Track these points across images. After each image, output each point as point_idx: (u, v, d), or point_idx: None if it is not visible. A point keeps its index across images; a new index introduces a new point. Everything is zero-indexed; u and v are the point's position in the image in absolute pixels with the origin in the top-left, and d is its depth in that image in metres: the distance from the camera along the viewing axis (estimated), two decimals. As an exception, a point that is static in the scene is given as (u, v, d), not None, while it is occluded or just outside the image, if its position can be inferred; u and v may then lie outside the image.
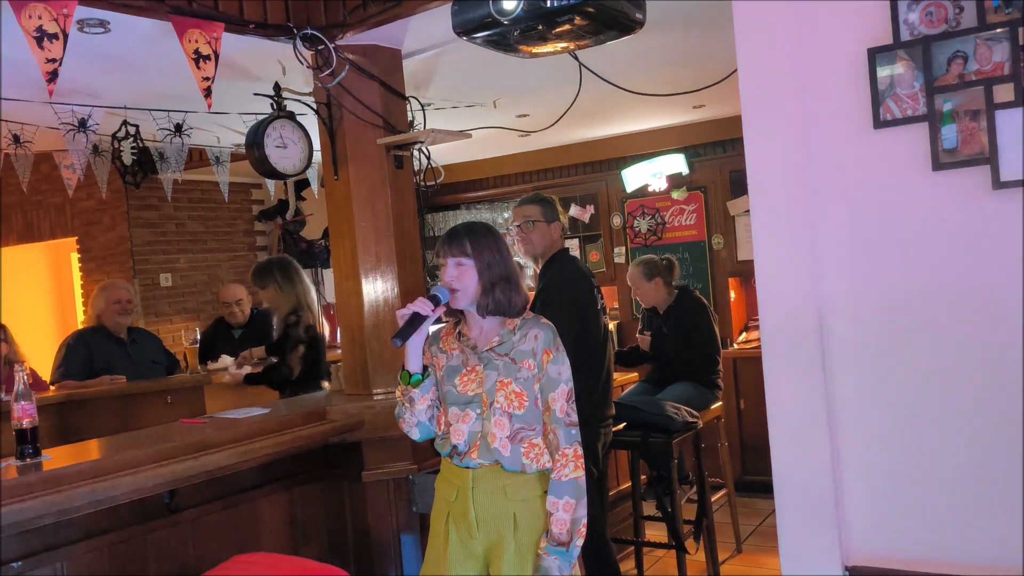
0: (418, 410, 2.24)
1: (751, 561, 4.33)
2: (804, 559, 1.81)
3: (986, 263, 1.65)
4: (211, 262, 6.58)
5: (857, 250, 1.76)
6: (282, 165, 3.05)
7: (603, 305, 3.37)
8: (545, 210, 3.32)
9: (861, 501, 1.76)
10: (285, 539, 2.95)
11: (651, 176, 6.02)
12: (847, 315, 1.77)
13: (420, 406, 2.24)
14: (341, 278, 3.23)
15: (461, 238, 2.24)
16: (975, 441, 1.66)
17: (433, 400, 2.26)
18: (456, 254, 2.22)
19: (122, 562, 2.46)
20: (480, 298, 2.22)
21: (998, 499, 1.64)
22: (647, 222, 6.17)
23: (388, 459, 3.01)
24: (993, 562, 1.64)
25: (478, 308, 2.23)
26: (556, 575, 2.12)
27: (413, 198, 3.33)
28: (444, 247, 2.25)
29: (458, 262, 2.21)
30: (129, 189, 5.49)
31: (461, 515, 2.20)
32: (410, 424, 2.27)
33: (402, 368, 2.23)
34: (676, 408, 3.80)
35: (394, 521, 3.02)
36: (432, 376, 2.27)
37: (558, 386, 2.20)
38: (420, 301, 2.17)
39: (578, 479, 2.17)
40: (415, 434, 2.29)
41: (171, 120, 4.09)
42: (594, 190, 6.46)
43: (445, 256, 2.24)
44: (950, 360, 1.68)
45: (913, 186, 1.71)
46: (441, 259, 2.25)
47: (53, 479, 2.20)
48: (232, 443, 2.66)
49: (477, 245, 2.23)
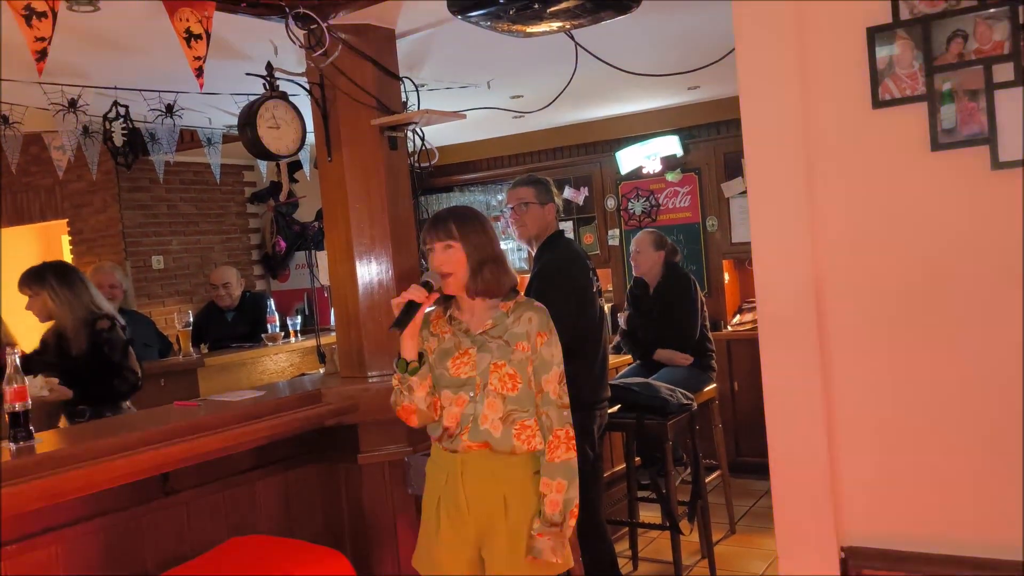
0: (418, 397, 2.23)
1: (745, 542, 4.36)
2: (800, 540, 1.81)
3: (985, 244, 1.64)
4: (204, 244, 6.54)
5: (855, 231, 1.75)
6: (275, 146, 3.03)
7: (599, 287, 3.37)
8: (539, 192, 3.31)
9: (857, 482, 1.77)
10: (281, 521, 2.95)
11: (645, 158, 6.00)
12: (845, 296, 1.76)
13: (420, 393, 2.23)
14: (335, 261, 3.22)
15: (447, 221, 2.24)
16: (974, 423, 1.66)
17: (431, 386, 2.26)
18: (443, 237, 2.22)
19: (117, 544, 2.45)
20: (468, 280, 2.21)
21: (996, 481, 1.65)
22: (641, 204, 6.16)
23: (384, 441, 3.00)
24: (990, 542, 1.65)
25: (467, 290, 2.22)
26: (550, 556, 2.13)
27: (407, 180, 3.31)
28: (430, 232, 2.24)
29: (446, 245, 2.21)
30: (120, 171, 5.45)
31: (452, 500, 2.20)
32: (409, 411, 2.26)
33: (398, 356, 2.22)
34: (671, 390, 3.81)
35: (390, 503, 3.03)
36: (427, 360, 2.27)
37: (551, 368, 2.22)
38: (414, 288, 2.16)
39: (570, 460, 2.19)
40: (414, 421, 2.28)
41: (162, 101, 4.04)
42: (588, 172, 6.43)
43: (432, 241, 2.23)
44: (949, 341, 1.68)
45: (911, 166, 1.70)
46: (428, 244, 2.25)
47: (47, 461, 2.19)
48: (227, 425, 2.65)
49: (463, 227, 2.23)
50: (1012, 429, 1.63)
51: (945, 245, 1.68)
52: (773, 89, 1.81)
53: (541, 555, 2.13)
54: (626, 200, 6.22)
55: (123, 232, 5.94)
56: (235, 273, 5.31)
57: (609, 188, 6.31)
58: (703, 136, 5.91)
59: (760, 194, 1.84)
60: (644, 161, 6.01)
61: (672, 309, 4.44)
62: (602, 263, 6.25)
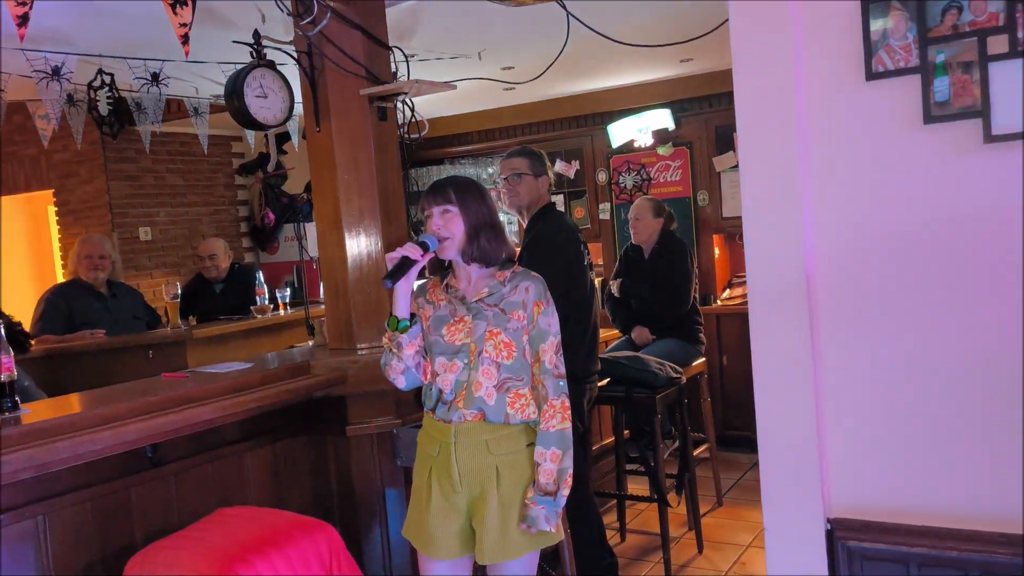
0: (406, 355, 2.24)
1: (732, 514, 4.40)
2: (787, 512, 1.82)
3: (977, 218, 1.64)
4: (192, 216, 6.49)
5: (847, 205, 1.75)
6: (262, 116, 2.99)
7: (589, 261, 3.36)
8: (533, 163, 3.29)
9: (845, 455, 1.78)
10: (269, 493, 2.95)
11: (637, 131, 5.97)
12: (836, 270, 1.76)
13: (408, 351, 2.24)
14: (324, 233, 3.19)
15: (445, 187, 2.25)
16: (965, 397, 1.67)
17: (420, 347, 2.27)
18: (441, 202, 2.23)
19: (105, 515, 2.45)
20: (465, 245, 2.21)
21: (989, 453, 1.66)
22: (632, 178, 6.14)
23: (372, 413, 3.00)
24: (979, 514, 1.66)
25: (463, 255, 2.22)
26: (543, 525, 2.14)
27: (397, 151, 3.28)
28: (429, 198, 2.25)
29: (444, 210, 2.22)
30: (106, 141, 5.39)
31: (444, 470, 2.20)
32: (397, 371, 2.27)
33: (389, 314, 2.23)
34: (660, 364, 3.82)
35: (378, 475, 3.03)
36: (420, 323, 2.27)
37: (548, 338, 2.22)
38: (410, 246, 2.18)
39: (565, 430, 2.19)
40: (401, 382, 2.29)
41: (148, 69, 3.99)
42: (579, 145, 6.40)
43: (430, 206, 2.24)
44: (938, 315, 1.68)
45: (904, 139, 1.69)
46: (426, 210, 2.25)
47: (33, 433, 2.18)
48: (215, 397, 2.64)
49: (462, 193, 2.24)
50: (1008, 403, 1.63)
51: (937, 219, 1.67)
52: (766, 61, 1.79)
53: (535, 524, 2.14)
54: (617, 174, 6.20)
55: (110, 203, 5.89)
56: (223, 245, 5.27)
57: (600, 162, 6.29)
58: (695, 109, 5.88)
59: (752, 167, 1.83)
60: (635, 134, 5.98)
61: (666, 276, 4.45)
62: (593, 237, 6.24)
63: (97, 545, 2.43)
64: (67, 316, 4.51)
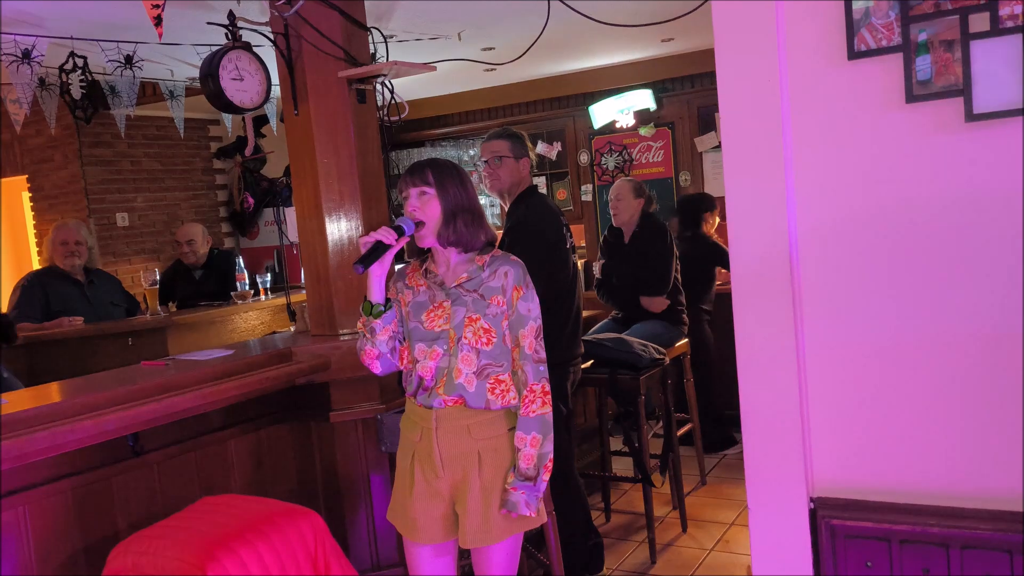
0: (379, 341, 2.21)
1: (715, 493, 4.43)
2: (770, 491, 1.83)
3: (959, 196, 1.64)
4: (170, 201, 6.42)
5: (829, 184, 1.74)
6: (239, 98, 2.94)
7: (572, 243, 3.35)
8: (514, 145, 3.26)
9: (828, 434, 1.78)
10: (254, 480, 2.93)
11: (618, 112, 5.96)
12: (819, 250, 1.76)
13: (381, 337, 2.21)
14: (304, 217, 3.16)
15: (423, 168, 2.22)
16: (948, 374, 1.68)
17: (395, 332, 2.24)
18: (418, 183, 2.19)
19: (86, 505, 2.43)
20: (441, 229, 2.18)
21: (966, 431, 1.67)
22: (614, 159, 6.13)
23: (355, 399, 2.99)
24: (959, 489, 1.68)
25: (439, 239, 2.20)
26: (524, 510, 2.15)
27: (377, 134, 3.25)
28: (407, 178, 2.22)
29: (421, 191, 2.19)
30: (80, 125, 5.30)
31: (426, 455, 2.20)
32: (371, 356, 2.24)
33: (364, 299, 2.20)
34: (643, 345, 3.83)
35: (363, 461, 3.02)
36: (395, 309, 2.25)
37: (528, 323, 2.20)
38: (384, 230, 2.13)
39: (545, 415, 2.19)
40: (376, 367, 2.26)
41: (121, 52, 3.91)
42: (561, 126, 6.38)
43: (407, 187, 2.20)
44: (921, 294, 1.69)
45: (886, 118, 1.68)
46: (403, 192, 2.22)
47: (11, 423, 2.15)
48: (196, 385, 2.62)
49: (439, 175, 2.20)
50: (991, 382, 1.64)
51: (920, 197, 1.67)
52: (749, 40, 1.78)
53: (516, 509, 2.14)
54: (599, 155, 6.18)
55: (85, 189, 5.81)
56: (200, 230, 5.21)
57: (582, 143, 6.27)
58: (677, 90, 5.87)
59: (734, 147, 1.82)
60: (617, 115, 5.97)
61: (647, 256, 4.45)
62: (575, 219, 6.24)
63: (79, 535, 2.41)
64: (44, 303, 4.45)
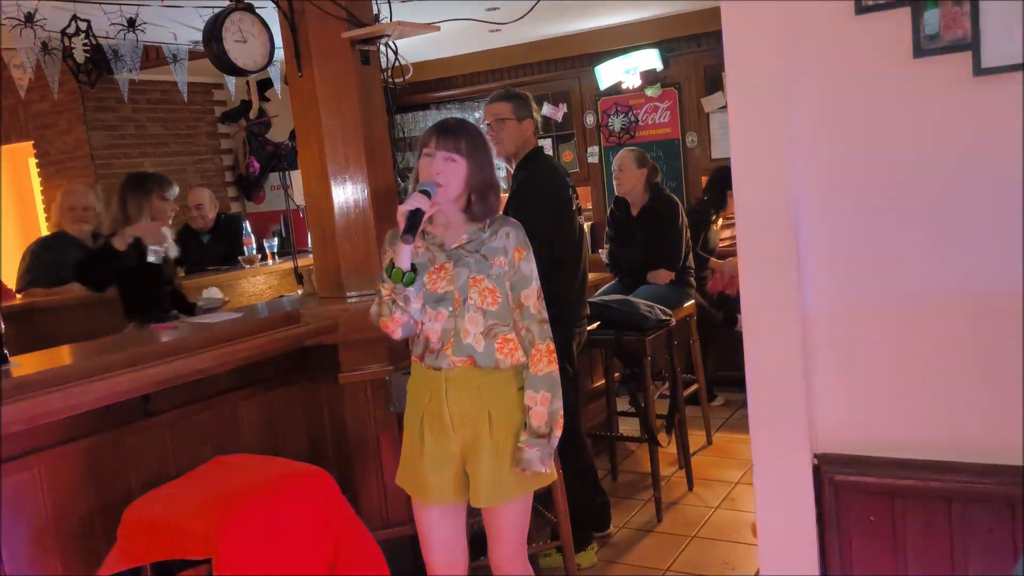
0: (413, 308, 2.17)
1: (721, 451, 4.47)
2: (774, 447, 1.85)
3: (967, 151, 1.63)
4: (175, 166, 6.40)
5: (836, 141, 1.73)
6: (243, 60, 2.93)
7: (578, 205, 3.34)
8: (516, 107, 3.23)
9: (832, 391, 1.80)
10: (264, 441, 2.97)
11: (625, 73, 5.90)
12: (825, 206, 1.76)
13: (416, 304, 2.17)
14: (309, 180, 3.16)
15: (458, 134, 2.17)
16: (949, 331, 1.68)
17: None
18: (450, 149, 2.15)
19: (99, 466, 2.47)
20: (460, 198, 2.17)
21: (968, 387, 1.68)
22: (620, 120, 6.08)
23: (364, 361, 3.01)
24: (961, 444, 1.69)
25: (470, 210, 2.19)
26: (538, 466, 2.18)
27: (381, 96, 3.23)
28: (438, 139, 2.16)
29: (451, 157, 2.15)
30: (84, 90, 5.27)
31: (436, 416, 2.21)
32: (397, 323, 2.18)
33: (391, 267, 2.13)
34: (649, 306, 3.84)
35: (371, 422, 3.05)
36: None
37: (531, 284, 2.22)
38: (417, 196, 2.09)
39: (553, 373, 2.21)
40: (399, 333, 2.22)
41: (123, 15, 3.89)
42: (567, 88, 6.33)
43: (437, 148, 2.15)
44: (926, 250, 1.69)
45: (894, 74, 1.67)
46: (429, 149, 2.16)
47: (25, 385, 2.18)
48: (207, 347, 2.64)
49: (472, 146, 2.17)
50: (994, 338, 1.65)
51: (927, 153, 1.66)
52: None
53: (530, 466, 2.17)
54: (605, 116, 6.14)
55: (91, 154, 5.80)
56: (208, 194, 5.22)
57: (588, 104, 6.22)
58: (683, 49, 5.80)
59: (741, 104, 1.80)
60: (623, 76, 5.91)
61: (657, 235, 4.43)
62: (581, 181, 6.21)
63: (94, 495, 2.46)
64: (54, 269, 4.48)
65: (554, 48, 6.23)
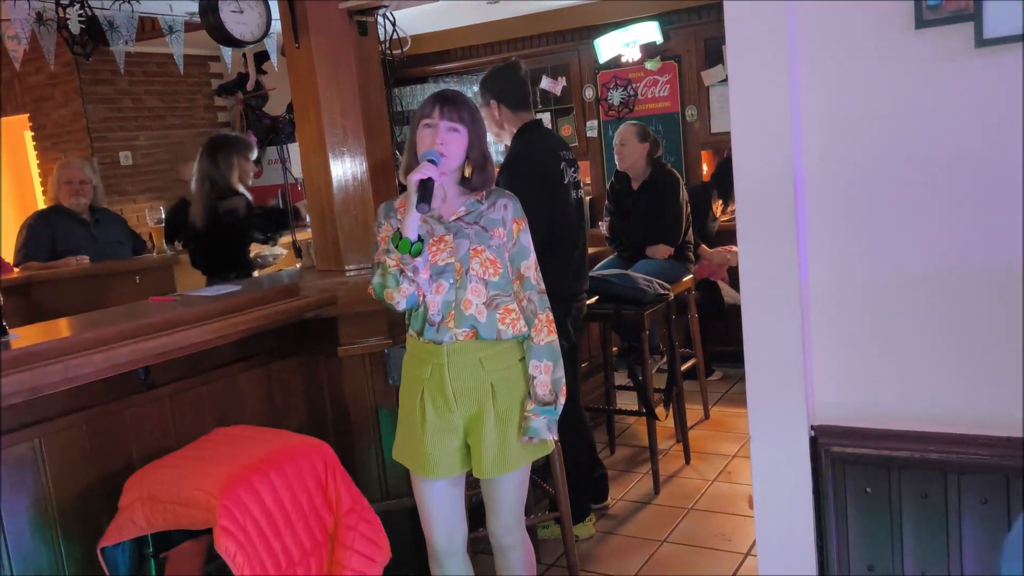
0: (422, 279, 2.15)
1: (718, 425, 4.50)
2: (771, 419, 1.86)
3: (968, 123, 1.63)
4: (172, 140, 6.38)
5: (837, 112, 1.73)
6: (239, 31, 2.91)
7: (576, 178, 3.32)
8: (481, 93, 3.24)
9: (829, 363, 1.80)
10: (264, 414, 2.99)
11: (624, 46, 5.85)
12: (824, 178, 1.75)
13: (424, 275, 2.15)
14: (307, 153, 3.14)
15: (460, 105, 2.16)
16: (946, 303, 1.69)
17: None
18: (453, 119, 2.14)
19: (100, 437, 2.48)
20: (475, 173, 2.18)
21: (965, 359, 1.69)
22: (620, 94, 6.05)
23: (363, 334, 3.02)
24: (958, 416, 1.70)
25: (469, 181, 2.19)
26: (546, 434, 2.20)
27: (379, 68, 3.21)
28: (440, 108, 2.14)
29: (453, 127, 2.14)
30: (80, 62, 5.25)
31: (437, 390, 2.20)
32: (404, 294, 2.15)
33: (399, 237, 2.11)
34: (648, 281, 3.84)
35: (371, 395, 3.07)
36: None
37: (529, 255, 2.24)
38: (426, 166, 2.07)
39: (553, 342, 2.24)
40: (403, 304, 2.18)
41: (118, -15, 3.85)
42: (566, 61, 6.28)
43: (440, 117, 2.14)
44: (926, 222, 1.68)
45: (895, 45, 1.66)
46: (431, 119, 2.15)
47: (24, 357, 2.18)
48: (205, 319, 2.64)
49: (474, 116, 2.17)
50: (991, 310, 1.65)
51: (928, 124, 1.66)
52: (756, -36, 1.74)
53: (539, 434, 2.19)
54: (605, 90, 6.10)
55: (88, 127, 5.77)
56: (206, 168, 5.18)
57: (587, 78, 6.18)
58: (684, 22, 5.75)
59: (741, 76, 1.79)
60: (623, 49, 5.86)
61: (657, 210, 4.42)
62: (580, 155, 6.18)
63: (95, 467, 2.47)
64: (50, 243, 4.47)
65: (553, 21, 6.17)
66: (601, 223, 4.80)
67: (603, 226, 4.73)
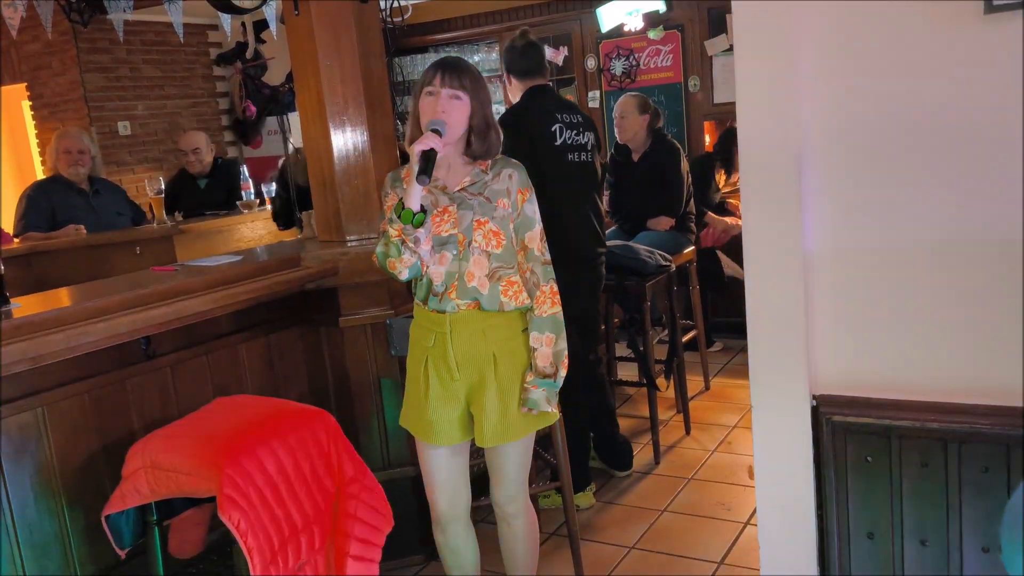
0: (423, 250, 2.14)
1: (718, 396, 4.51)
2: (773, 388, 1.86)
3: (976, 91, 1.61)
4: (170, 109, 6.34)
5: (843, 79, 1.71)
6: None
7: (579, 142, 3.27)
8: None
9: (831, 332, 1.80)
10: (266, 383, 2.99)
11: (627, 15, 5.79)
12: (828, 146, 1.74)
13: (425, 247, 2.14)
14: (308, 122, 3.12)
15: (462, 71, 2.12)
16: (949, 272, 1.68)
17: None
18: (455, 86, 2.11)
19: (102, 407, 2.49)
20: (476, 142, 2.15)
21: (967, 328, 1.68)
22: (622, 64, 5.99)
23: (364, 304, 3.01)
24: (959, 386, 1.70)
25: (472, 150, 2.16)
26: (545, 406, 2.20)
27: (380, 37, 3.17)
28: (442, 75, 2.11)
29: (455, 95, 2.11)
30: (78, 30, 5.20)
31: (440, 359, 2.21)
32: (406, 264, 2.14)
33: (401, 207, 2.09)
34: (649, 252, 3.83)
35: (373, 365, 3.07)
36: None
37: (534, 225, 2.22)
38: (429, 136, 2.05)
39: (556, 314, 2.23)
40: (405, 274, 2.18)
41: (115, -49, 3.79)
42: (568, 31, 6.22)
43: (441, 85, 2.11)
44: (930, 190, 1.67)
45: (904, 11, 1.63)
46: (432, 87, 2.12)
47: (26, 326, 2.18)
48: (206, 289, 2.64)
49: (475, 83, 2.14)
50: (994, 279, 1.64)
51: (936, 92, 1.64)
52: (764, -72, 1.71)
53: (537, 406, 2.19)
54: (607, 60, 6.04)
55: (85, 96, 5.73)
56: (204, 138, 5.16)
57: (589, 47, 6.12)
58: (687, -10, 5.69)
59: (746, 43, 1.77)
60: (626, 18, 5.80)
61: (659, 181, 4.39)
62: (582, 126, 6.13)
63: (97, 435, 2.48)
64: (50, 213, 4.46)
65: (555, -11, 6.12)
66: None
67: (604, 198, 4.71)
